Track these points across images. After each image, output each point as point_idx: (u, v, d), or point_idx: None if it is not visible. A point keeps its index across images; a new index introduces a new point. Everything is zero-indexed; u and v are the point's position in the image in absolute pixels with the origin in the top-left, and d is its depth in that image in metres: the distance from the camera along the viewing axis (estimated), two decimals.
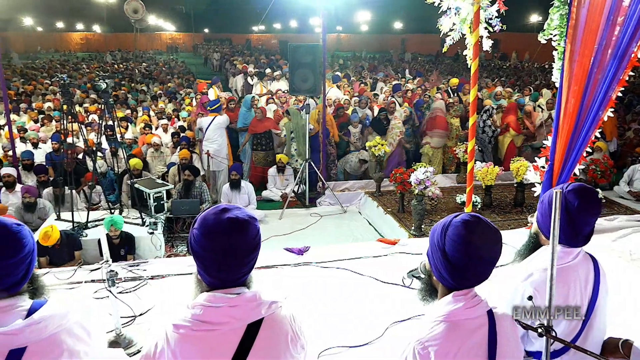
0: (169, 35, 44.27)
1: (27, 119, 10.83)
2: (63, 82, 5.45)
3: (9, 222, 1.48)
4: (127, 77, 19.15)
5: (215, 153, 7.84)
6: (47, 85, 16.20)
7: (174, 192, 6.77)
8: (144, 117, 10.39)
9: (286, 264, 3.62)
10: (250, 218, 1.47)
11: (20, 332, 1.39)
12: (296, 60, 7.14)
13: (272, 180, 8.15)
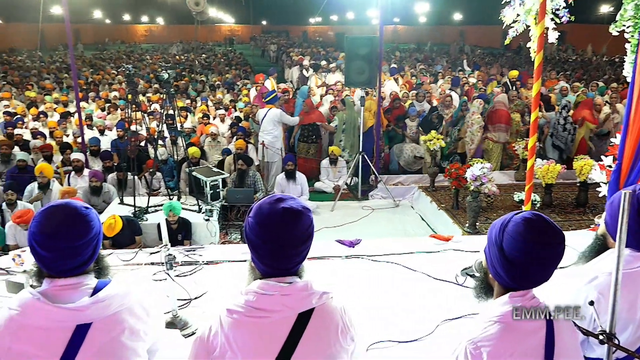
0: (228, 27, 45.17)
1: (95, 107, 11.41)
2: (128, 73, 5.69)
3: (78, 205, 1.57)
4: (187, 68, 19.73)
5: (270, 144, 7.95)
6: (114, 75, 16.99)
7: (229, 180, 6.94)
8: (202, 107, 10.69)
9: (337, 255, 3.63)
10: (304, 208, 1.48)
11: (87, 308, 1.48)
12: (352, 52, 7.11)
13: (324, 172, 8.18)
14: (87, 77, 16.58)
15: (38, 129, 9.14)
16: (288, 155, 7.56)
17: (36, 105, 11.45)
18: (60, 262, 1.50)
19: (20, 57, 24.65)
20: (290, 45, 27.76)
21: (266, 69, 14.50)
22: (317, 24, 43.39)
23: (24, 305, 1.46)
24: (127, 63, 21.58)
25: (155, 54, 28.68)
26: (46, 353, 1.43)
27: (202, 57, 25.45)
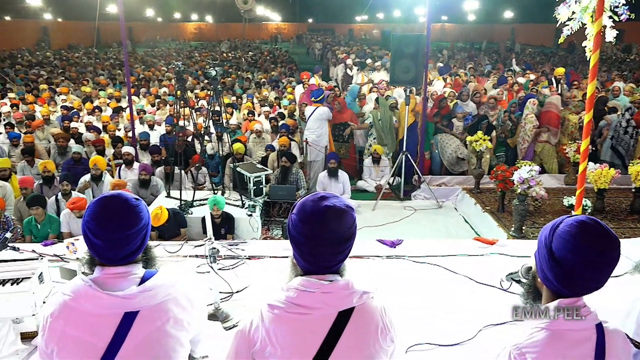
0: (274, 25, 45.65)
1: (145, 103, 11.79)
2: (178, 69, 5.84)
3: (129, 196, 1.62)
4: (234, 66, 20.07)
5: (314, 142, 7.97)
6: (164, 72, 17.50)
7: (272, 177, 7.02)
8: (248, 104, 10.86)
9: (378, 255, 3.61)
10: (347, 207, 1.48)
11: (135, 297, 1.53)
12: (398, 51, 7.04)
13: (367, 170, 8.15)
14: (138, 73, 17.16)
15: (92, 123, 9.54)
16: (331, 153, 7.56)
17: (91, 100, 11.96)
18: (111, 250, 1.56)
19: (78, 54, 25.80)
20: (336, 43, 27.74)
21: (311, 67, 14.57)
22: (363, 22, 43.18)
23: (76, 291, 1.53)
24: (176, 60, 22.15)
25: (204, 51, 29.34)
26: (96, 338, 1.49)
27: (248, 54, 25.84)
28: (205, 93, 12.38)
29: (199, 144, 7.56)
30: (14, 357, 2.44)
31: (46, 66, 20.64)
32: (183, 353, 1.65)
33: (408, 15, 32.41)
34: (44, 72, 18.47)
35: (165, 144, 8.36)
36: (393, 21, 38.06)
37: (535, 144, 8.10)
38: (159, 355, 1.56)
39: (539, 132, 8.06)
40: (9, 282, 2.56)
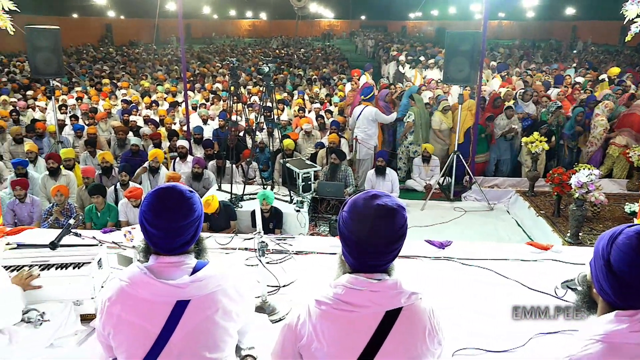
0: (327, 22, 45.70)
1: (200, 98, 12.11)
2: (232, 66, 5.96)
3: (184, 188, 1.68)
4: (286, 62, 20.28)
5: (364, 141, 7.93)
6: (218, 68, 17.91)
7: (320, 173, 7.05)
8: (299, 100, 10.95)
9: (426, 256, 3.56)
10: (398, 207, 1.47)
11: (187, 286, 1.58)
12: (453, 48, 6.89)
13: (416, 170, 8.04)
14: (194, 69, 17.65)
15: (150, 117, 9.90)
16: (380, 151, 7.50)
17: (149, 95, 12.42)
18: (165, 240, 1.62)
19: (138, 50, 26.82)
20: (389, 40, 27.47)
21: (363, 64, 14.51)
22: (416, 19, 42.50)
23: (132, 277, 1.60)
24: (230, 56, 22.65)
25: (257, 48, 29.81)
26: (149, 324, 1.56)
27: (300, 51, 26.04)
28: (257, 89, 12.58)
29: (250, 139, 7.69)
30: (73, 336, 2.58)
31: (109, 62, 21.59)
32: (231, 343, 1.70)
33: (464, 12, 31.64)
34: (106, 67, 19.34)
35: (218, 139, 8.56)
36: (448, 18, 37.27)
37: (611, 146, 7.69)
38: (208, 344, 1.61)
39: (614, 135, 7.67)
40: (71, 265, 2.71)
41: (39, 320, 2.48)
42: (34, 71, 7.24)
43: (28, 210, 5.92)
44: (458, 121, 7.28)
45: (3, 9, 3.82)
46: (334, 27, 44.75)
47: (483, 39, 7.17)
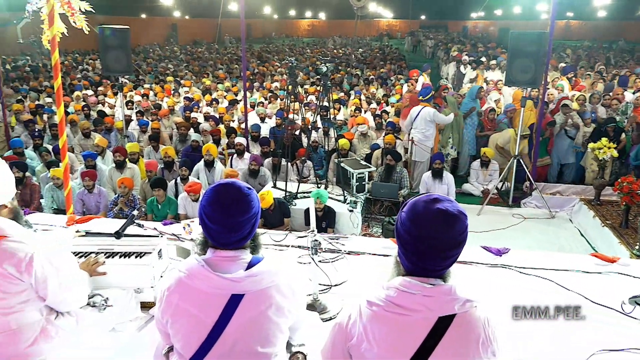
0: (386, 22, 45.33)
1: (258, 96, 12.36)
2: (291, 65, 6.04)
3: (242, 185, 1.72)
4: (344, 62, 20.30)
5: (421, 142, 7.79)
6: (277, 67, 18.18)
7: (375, 174, 7.01)
8: (355, 100, 10.93)
9: (482, 262, 3.46)
10: (460, 213, 1.45)
11: (242, 280, 1.62)
12: (517, 49, 6.65)
13: (474, 174, 7.83)
14: (254, 68, 18.01)
15: (210, 114, 10.20)
16: (437, 153, 7.36)
17: (210, 93, 12.79)
18: (223, 234, 1.66)
19: (201, 49, 27.69)
20: (449, 40, 26.89)
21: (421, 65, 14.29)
22: (479, 18, 41.30)
23: (190, 269, 1.66)
24: (289, 56, 22.96)
25: (315, 47, 30.01)
26: (204, 315, 1.61)
27: (358, 51, 25.98)
28: (314, 88, 12.67)
29: (305, 138, 7.76)
30: (134, 322, 2.70)
31: (173, 60, 22.44)
32: (282, 339, 1.72)
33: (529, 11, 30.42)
34: (171, 65, 20.11)
35: (275, 137, 8.69)
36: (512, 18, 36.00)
37: None
38: (260, 338, 1.64)
39: None
40: (134, 255, 2.84)
41: (103, 305, 2.62)
42: (105, 68, 7.64)
43: (95, 200, 6.26)
44: (519, 125, 7.03)
45: (80, 9, 4.06)
46: (392, 27, 44.31)
47: (549, 39, 6.87)
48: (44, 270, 2.00)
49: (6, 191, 2.06)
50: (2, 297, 1.97)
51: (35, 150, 8.08)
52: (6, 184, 2.05)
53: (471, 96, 8.71)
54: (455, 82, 13.75)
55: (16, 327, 2.02)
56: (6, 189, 2.06)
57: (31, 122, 9.48)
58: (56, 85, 4.24)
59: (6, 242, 1.96)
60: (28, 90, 13.67)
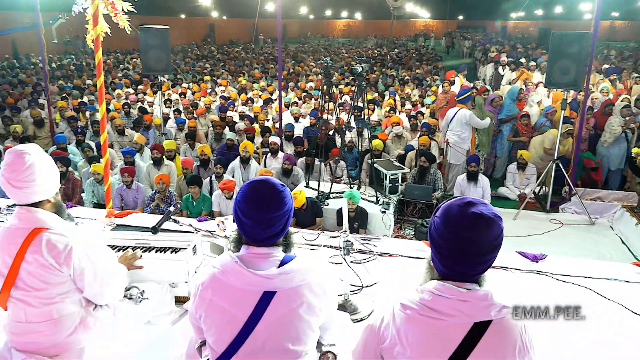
0: (422, 22, 44.87)
1: (293, 96, 12.43)
2: (326, 65, 6.05)
3: (276, 182, 1.74)
4: (379, 62, 20.20)
5: (456, 144, 7.68)
6: (312, 67, 18.24)
7: (408, 176, 6.95)
8: (390, 101, 10.87)
9: (518, 268, 3.38)
10: (495, 216, 1.42)
11: (274, 277, 1.64)
12: (558, 50, 6.47)
13: (510, 177, 7.67)
14: (289, 68, 18.13)
15: (245, 113, 10.33)
16: (472, 156, 7.23)
17: (245, 92, 12.96)
18: (256, 230, 1.68)
19: (237, 49, 28.06)
20: (488, 41, 26.38)
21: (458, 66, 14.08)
22: (518, 19, 40.34)
23: (224, 265, 1.68)
24: (324, 56, 23.00)
25: (351, 47, 29.96)
26: (237, 311, 1.63)
27: (394, 51, 25.80)
28: (349, 89, 12.66)
29: (339, 138, 7.76)
30: (168, 316, 2.76)
31: (210, 60, 22.82)
32: (313, 337, 1.73)
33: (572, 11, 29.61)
34: (208, 65, 20.47)
35: (308, 136, 8.72)
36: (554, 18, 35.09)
37: None
38: (291, 336, 1.65)
39: None
40: (169, 250, 2.90)
41: (139, 297, 2.69)
42: (145, 67, 7.83)
43: (133, 195, 6.43)
44: (559, 127, 6.83)
45: (123, 10, 4.18)
46: (429, 27, 43.81)
47: (593, 40, 6.65)
48: (82, 263, 2.06)
49: (51, 186, 2.13)
50: (44, 287, 2.04)
51: (78, 146, 8.36)
52: (51, 179, 2.13)
53: (511, 97, 8.51)
54: (493, 84, 13.47)
55: (57, 317, 2.10)
56: (51, 184, 2.13)
57: (74, 119, 9.82)
58: (99, 84, 4.38)
59: (48, 234, 2.03)
60: (72, 88, 14.15)
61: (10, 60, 20.45)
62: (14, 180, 2.00)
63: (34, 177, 2.02)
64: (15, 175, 1.99)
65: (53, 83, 14.47)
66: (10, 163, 2.01)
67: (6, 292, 2.03)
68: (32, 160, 2.02)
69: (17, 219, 2.06)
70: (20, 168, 1.99)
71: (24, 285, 2.03)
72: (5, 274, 2.01)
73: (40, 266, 2.01)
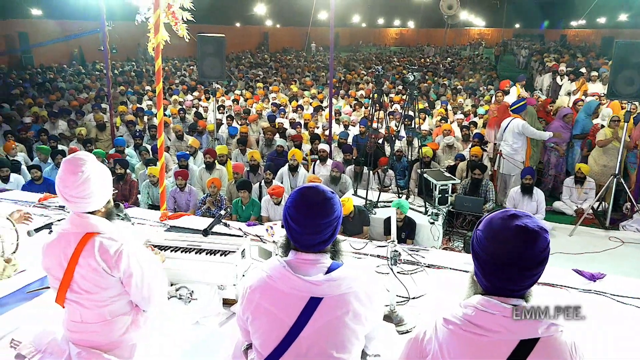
0: (477, 31, 44.03)
1: (343, 104, 12.47)
2: (377, 73, 6.04)
3: (325, 189, 1.76)
4: (431, 71, 19.95)
5: (509, 156, 7.44)
6: (363, 76, 18.25)
7: (459, 187, 6.81)
8: (441, 110, 10.71)
9: (573, 287, 3.24)
10: (540, 229, 1.37)
11: (321, 284, 1.65)
12: (622, 59, 6.16)
13: (567, 191, 7.36)
14: (340, 76, 18.21)
15: (295, 120, 10.45)
16: (527, 168, 6.98)
17: (296, 99, 13.11)
18: (305, 236, 1.70)
19: (289, 57, 28.48)
20: (546, 50, 25.53)
21: (513, 75, 13.69)
22: (579, 27, 38.84)
23: (273, 269, 1.71)
24: (376, 64, 22.97)
25: (402, 56, 29.76)
26: (284, 315, 1.65)
27: (447, 60, 25.42)
28: (399, 97, 12.57)
29: (388, 147, 7.71)
30: (216, 317, 2.83)
31: (263, 67, 23.26)
32: (357, 346, 1.72)
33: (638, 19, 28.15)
34: (261, 72, 20.87)
35: (357, 144, 8.71)
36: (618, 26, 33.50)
37: None
38: (336, 343, 1.65)
39: None
40: (219, 253, 2.98)
41: (189, 298, 2.77)
42: (201, 74, 8.08)
43: (186, 198, 6.64)
44: (622, 141, 6.51)
45: (182, 19, 4.35)
46: (484, 36, 42.93)
47: None
48: (130, 267, 2.14)
49: (103, 199, 2.19)
50: (97, 290, 2.14)
51: (136, 149, 8.72)
52: (103, 193, 2.19)
53: (587, 112, 8.11)
54: (551, 94, 13.02)
55: (110, 318, 2.20)
56: (103, 197, 2.19)
57: (132, 123, 10.26)
58: (158, 90, 4.56)
59: (100, 238, 2.12)
60: (132, 93, 14.80)
61: (77, 67, 21.66)
62: (67, 195, 2.10)
63: (87, 192, 2.10)
64: (69, 190, 2.09)
65: (115, 88, 15.19)
66: (64, 178, 2.09)
67: (62, 295, 2.14)
68: (85, 176, 2.09)
69: (70, 224, 2.16)
70: (74, 184, 2.08)
71: (78, 289, 2.13)
72: (61, 277, 2.12)
73: (93, 270, 2.10)
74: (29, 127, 10.06)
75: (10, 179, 6.68)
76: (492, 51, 32.99)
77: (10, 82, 16.51)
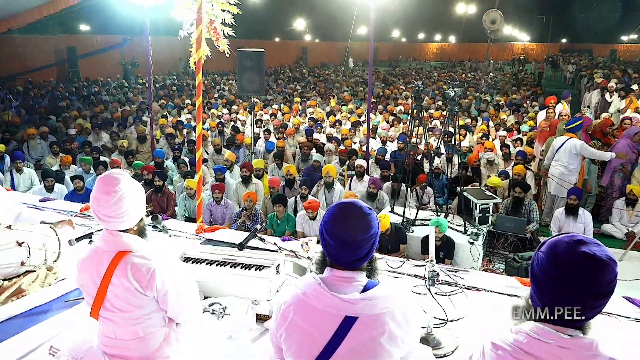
0: (521, 46, 43.25)
1: (381, 119, 12.39)
2: (417, 89, 5.95)
3: (364, 205, 1.70)
4: (472, 87, 19.64)
5: (562, 177, 7.02)
6: (402, 91, 18.14)
7: (501, 206, 6.60)
8: (482, 126, 10.48)
9: (624, 315, 3.04)
10: (609, 259, 1.27)
11: (357, 303, 1.59)
12: None
13: (617, 213, 7.02)
14: (378, 91, 18.15)
15: (333, 135, 10.43)
16: (573, 188, 6.68)
17: (334, 114, 13.12)
18: (341, 252, 1.64)
19: (327, 71, 28.68)
20: (593, 66, 24.75)
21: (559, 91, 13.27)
22: (630, 42, 37.57)
23: (307, 286, 1.66)
24: (415, 79, 22.82)
25: (443, 71, 29.49)
26: (317, 333, 1.60)
27: (489, 75, 25.00)
28: (439, 113, 12.40)
29: (427, 164, 7.57)
30: (249, 333, 2.79)
31: (301, 81, 23.49)
32: None
33: None
34: (299, 87, 21.06)
35: (395, 160, 8.60)
36: None
37: None
38: None
39: None
40: (254, 267, 2.94)
41: (222, 313, 2.74)
42: (240, 88, 8.18)
43: (222, 211, 6.68)
44: None
45: (224, 34, 4.41)
46: (528, 51, 42.08)
47: None
48: (165, 285, 2.13)
49: (135, 217, 2.20)
50: (129, 309, 2.14)
51: (174, 162, 8.88)
52: (136, 213, 2.19)
53: None
54: (599, 112, 12.54)
55: (143, 335, 2.20)
56: (135, 215, 2.19)
57: (172, 136, 10.48)
58: (198, 103, 4.62)
59: (132, 257, 2.12)
60: (172, 106, 15.17)
61: (120, 80, 22.47)
62: (101, 214, 2.11)
63: (120, 212, 2.10)
64: (102, 209, 2.10)
65: (156, 101, 15.61)
66: (98, 197, 2.10)
67: (96, 311, 2.16)
68: (118, 195, 2.09)
69: (103, 242, 2.18)
70: (107, 204, 2.09)
71: (111, 307, 2.14)
72: (94, 294, 2.13)
73: (126, 290, 2.10)
74: (74, 139, 10.41)
75: (54, 188, 6.93)
76: (537, 66, 32.25)
77: (58, 94, 17.22)
